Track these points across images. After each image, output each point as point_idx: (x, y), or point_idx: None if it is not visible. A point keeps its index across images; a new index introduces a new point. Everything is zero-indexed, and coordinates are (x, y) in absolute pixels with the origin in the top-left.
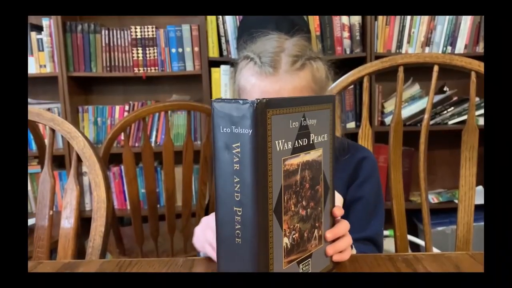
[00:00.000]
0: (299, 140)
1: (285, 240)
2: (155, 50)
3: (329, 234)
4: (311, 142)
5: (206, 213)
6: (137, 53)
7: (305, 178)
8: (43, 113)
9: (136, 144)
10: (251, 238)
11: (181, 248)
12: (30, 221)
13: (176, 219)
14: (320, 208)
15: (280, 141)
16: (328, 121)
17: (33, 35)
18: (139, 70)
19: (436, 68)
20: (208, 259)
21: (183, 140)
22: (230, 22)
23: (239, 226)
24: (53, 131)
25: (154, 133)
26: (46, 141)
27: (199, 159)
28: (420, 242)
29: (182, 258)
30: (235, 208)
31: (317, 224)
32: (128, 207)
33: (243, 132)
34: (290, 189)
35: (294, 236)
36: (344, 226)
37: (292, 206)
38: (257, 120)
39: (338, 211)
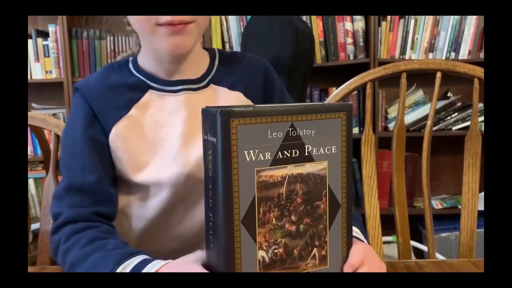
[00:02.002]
0: (286, 151)
1: (261, 253)
2: None
3: (347, 269)
4: (306, 154)
5: None
6: None
7: (296, 191)
8: (48, 119)
9: None
10: (219, 245)
11: None
12: (35, 226)
13: None
14: (322, 226)
15: (251, 151)
16: (338, 132)
17: (39, 41)
18: None
19: (439, 74)
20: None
21: None
22: (234, 28)
23: (211, 232)
24: (57, 137)
25: None
26: (51, 146)
27: None
28: (424, 248)
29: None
30: (209, 214)
31: (317, 243)
32: None
33: (212, 140)
34: (270, 201)
35: (276, 251)
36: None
37: (273, 219)
38: (221, 129)
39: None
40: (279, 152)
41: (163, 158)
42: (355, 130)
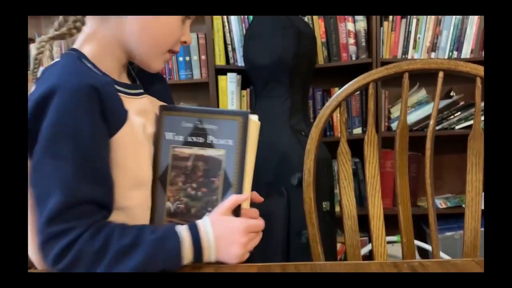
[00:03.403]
0: (193, 137)
1: (168, 204)
2: None
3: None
4: (208, 142)
5: None
6: None
7: (198, 167)
8: None
9: None
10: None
11: None
12: None
13: None
14: (215, 197)
15: (171, 133)
16: (235, 131)
17: None
18: None
19: (441, 74)
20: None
21: None
22: (237, 30)
23: None
24: None
25: None
26: None
27: None
28: (428, 247)
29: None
30: None
31: (209, 209)
32: None
33: None
34: (179, 169)
35: (178, 205)
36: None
37: (180, 183)
38: (158, 116)
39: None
40: (189, 137)
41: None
42: (358, 130)
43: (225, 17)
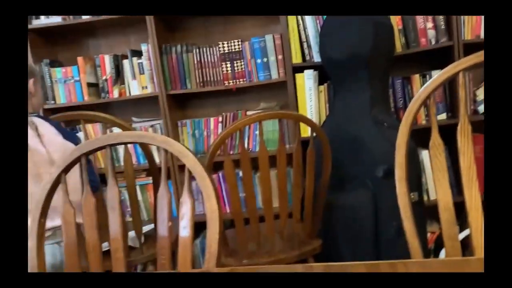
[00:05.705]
0: None
1: None
2: (242, 63)
3: None
4: None
5: (302, 212)
6: (226, 67)
7: None
8: (156, 136)
9: (231, 152)
10: None
11: (281, 248)
12: (146, 228)
13: (274, 220)
14: None
15: None
16: None
17: (134, 60)
18: (229, 83)
19: None
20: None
21: (274, 145)
22: (311, 27)
23: None
24: (166, 151)
25: (245, 140)
26: (160, 160)
27: (291, 162)
28: None
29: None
30: None
31: None
32: (228, 211)
33: None
34: None
35: None
36: None
37: None
38: None
39: None
40: None
41: None
42: (443, 116)
43: (299, 16)
